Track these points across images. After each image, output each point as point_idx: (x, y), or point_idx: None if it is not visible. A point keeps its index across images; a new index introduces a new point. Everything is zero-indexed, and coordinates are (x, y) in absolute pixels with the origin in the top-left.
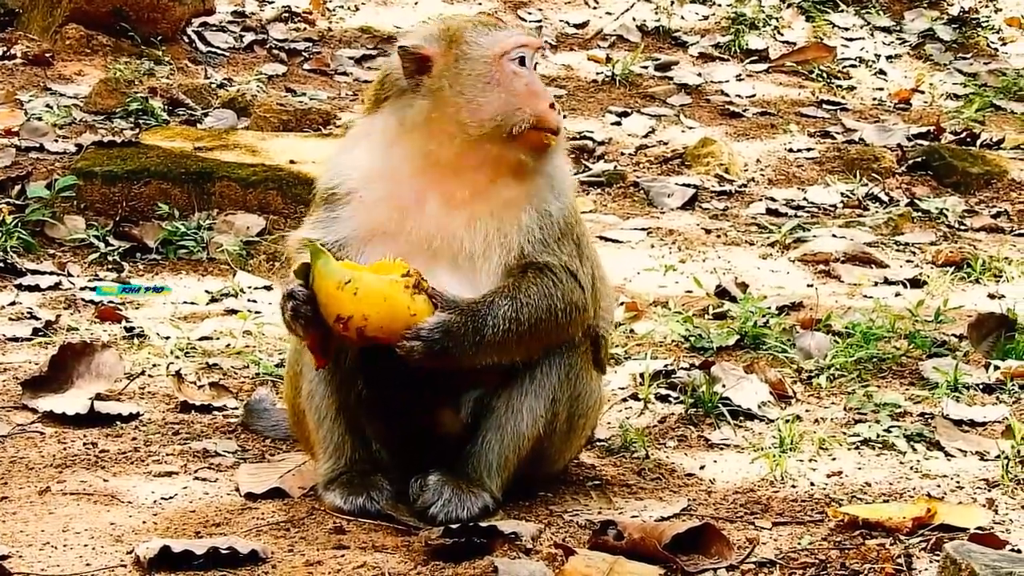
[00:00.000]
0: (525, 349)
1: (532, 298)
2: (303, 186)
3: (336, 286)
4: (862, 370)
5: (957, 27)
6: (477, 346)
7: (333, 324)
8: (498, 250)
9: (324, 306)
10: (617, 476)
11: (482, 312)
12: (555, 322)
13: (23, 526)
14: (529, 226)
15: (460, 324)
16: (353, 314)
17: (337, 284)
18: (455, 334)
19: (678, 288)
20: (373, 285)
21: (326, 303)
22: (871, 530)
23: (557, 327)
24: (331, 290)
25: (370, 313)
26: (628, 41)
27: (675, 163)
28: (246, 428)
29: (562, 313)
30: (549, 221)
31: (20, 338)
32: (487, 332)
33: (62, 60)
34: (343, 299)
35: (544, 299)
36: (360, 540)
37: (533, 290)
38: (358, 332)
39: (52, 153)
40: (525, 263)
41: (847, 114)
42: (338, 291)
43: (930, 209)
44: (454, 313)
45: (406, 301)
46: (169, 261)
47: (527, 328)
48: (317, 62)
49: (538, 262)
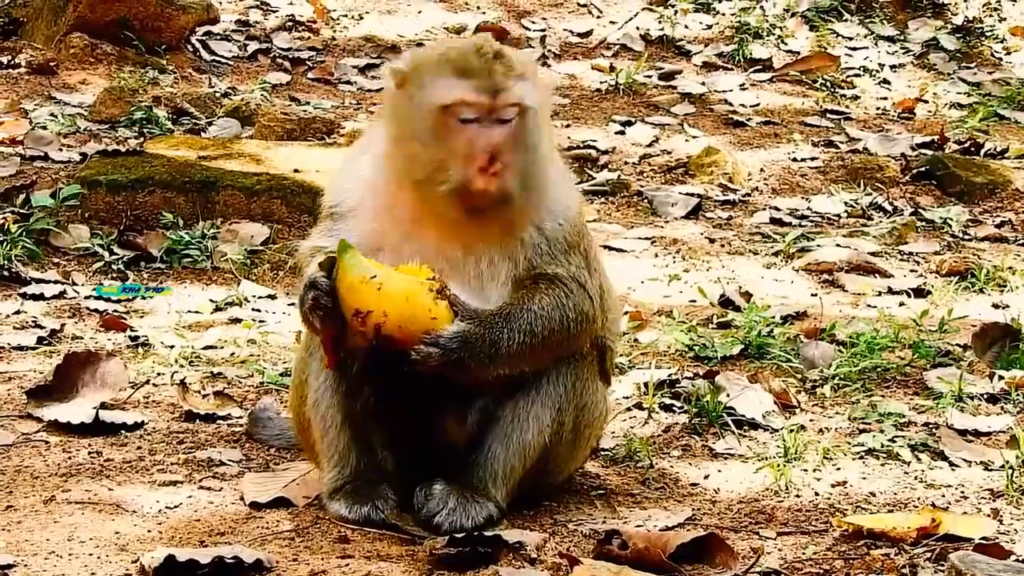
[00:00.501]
0: (536, 360)
1: (545, 310)
2: (307, 195)
3: (360, 280)
4: (866, 380)
5: (961, 36)
6: (492, 358)
7: (351, 319)
8: (505, 265)
9: (345, 300)
10: (621, 485)
11: (499, 325)
12: (567, 332)
13: (28, 535)
14: (533, 243)
15: (478, 336)
16: (374, 310)
17: (362, 278)
18: (472, 345)
19: (682, 297)
20: (398, 284)
21: (347, 296)
22: (876, 540)
23: (568, 337)
24: (355, 283)
25: (391, 311)
26: (632, 50)
27: (679, 172)
28: (250, 437)
29: (573, 324)
30: (553, 236)
31: (25, 347)
32: (503, 346)
33: (66, 69)
34: (366, 293)
35: (556, 310)
36: (365, 549)
37: (546, 301)
38: (376, 329)
39: (56, 162)
40: (535, 274)
41: (851, 123)
42: (362, 285)
43: (934, 219)
44: (473, 324)
45: (428, 304)
46: (173, 270)
47: (540, 340)
48: (321, 71)
49: (548, 273)
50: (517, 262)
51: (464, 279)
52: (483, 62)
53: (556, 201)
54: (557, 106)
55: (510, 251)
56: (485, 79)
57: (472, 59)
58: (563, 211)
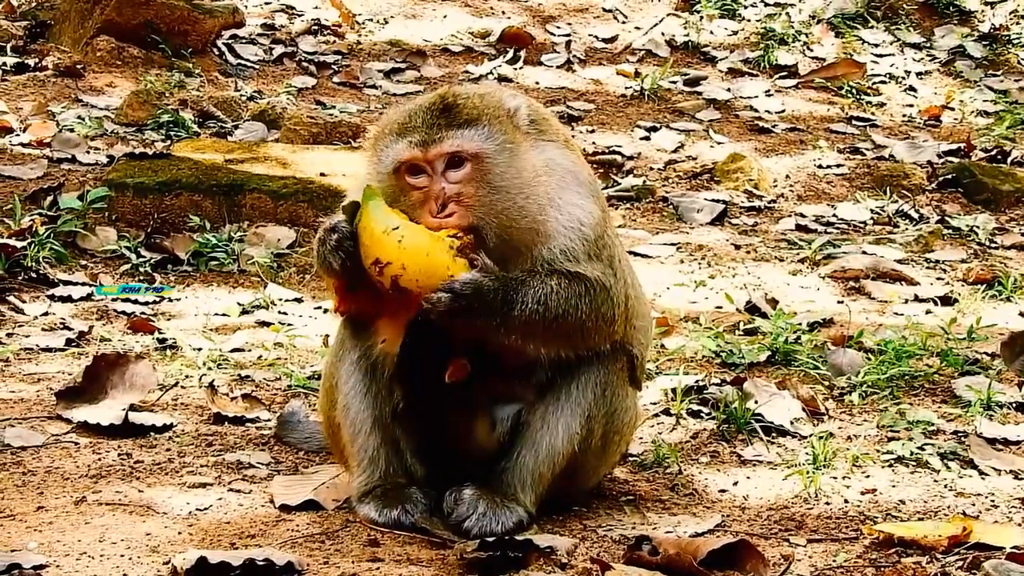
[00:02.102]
0: (546, 341)
1: (563, 291)
2: (333, 199)
3: (383, 230)
4: (894, 387)
5: (987, 44)
6: (503, 316)
7: (369, 267)
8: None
9: (365, 247)
10: (650, 491)
11: (515, 286)
12: (581, 323)
13: (60, 536)
14: (548, 257)
15: (492, 289)
16: (392, 261)
17: (384, 229)
18: (484, 296)
19: (708, 304)
20: (419, 237)
21: (368, 244)
22: (906, 548)
23: (582, 330)
24: (377, 232)
25: (409, 264)
26: (657, 56)
27: (704, 178)
28: (279, 440)
29: (587, 318)
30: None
31: (53, 348)
32: (515, 306)
33: (93, 72)
34: (387, 244)
35: (574, 297)
36: (395, 553)
37: (564, 283)
38: (392, 280)
39: (84, 164)
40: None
41: (877, 130)
42: (384, 235)
43: (960, 226)
44: (488, 277)
45: (447, 261)
46: (200, 273)
47: (553, 317)
48: (346, 75)
49: (570, 271)
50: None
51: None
52: (426, 117)
53: (565, 223)
54: (581, 111)
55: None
56: (421, 134)
57: (417, 117)
58: (574, 231)
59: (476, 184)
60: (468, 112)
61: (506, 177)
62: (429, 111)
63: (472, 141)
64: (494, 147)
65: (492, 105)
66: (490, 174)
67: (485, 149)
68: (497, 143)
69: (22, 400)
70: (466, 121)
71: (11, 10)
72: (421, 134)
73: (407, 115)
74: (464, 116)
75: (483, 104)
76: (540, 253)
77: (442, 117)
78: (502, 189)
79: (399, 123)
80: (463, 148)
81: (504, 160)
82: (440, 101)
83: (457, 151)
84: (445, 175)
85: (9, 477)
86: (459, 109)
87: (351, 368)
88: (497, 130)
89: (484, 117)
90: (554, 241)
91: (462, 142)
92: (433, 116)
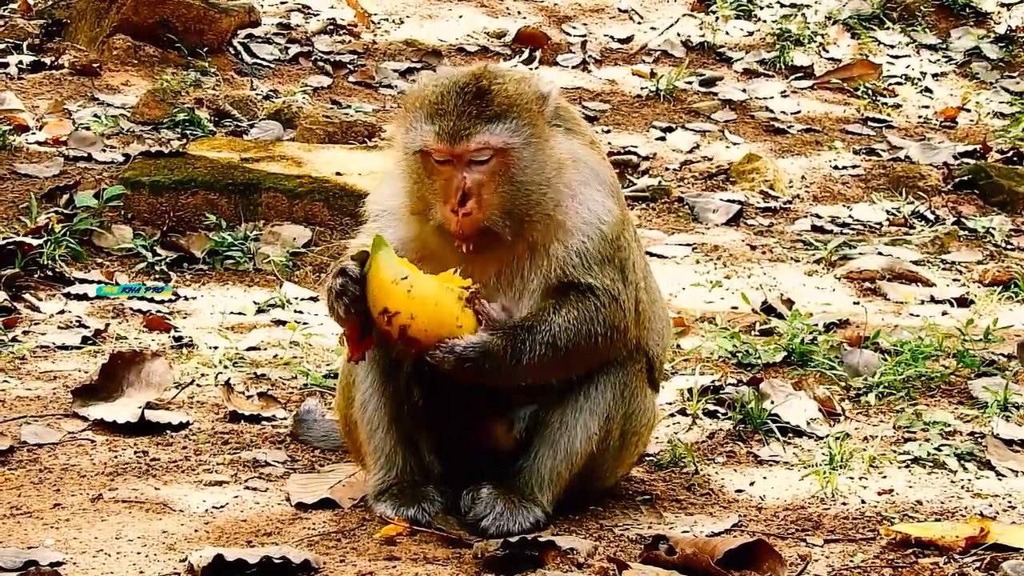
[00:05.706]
0: (563, 371)
1: (571, 323)
2: (349, 198)
3: (392, 279)
4: (911, 388)
5: (1004, 45)
6: (513, 368)
7: (378, 316)
8: (536, 276)
9: (373, 296)
10: (667, 491)
11: (521, 336)
12: (593, 345)
13: (76, 533)
14: (562, 256)
15: (498, 347)
16: (401, 311)
17: (393, 278)
18: (491, 355)
19: (724, 304)
20: (428, 288)
21: (377, 294)
22: (924, 549)
23: (596, 350)
24: (386, 282)
25: (418, 314)
26: (673, 56)
27: (719, 179)
28: (295, 438)
29: (601, 337)
30: (582, 250)
31: (69, 346)
32: (524, 355)
33: (109, 70)
34: (396, 293)
35: (584, 324)
36: (411, 551)
37: (572, 315)
38: (400, 330)
39: (100, 163)
40: (566, 283)
41: (892, 131)
42: (393, 284)
43: (976, 228)
44: (496, 336)
45: (455, 312)
46: (216, 271)
47: (564, 353)
48: (362, 74)
49: (580, 283)
50: (548, 274)
51: (496, 290)
52: (458, 103)
53: (584, 217)
54: (596, 112)
55: (539, 264)
56: (450, 125)
57: (448, 100)
58: (592, 227)
59: (499, 177)
60: (500, 102)
61: (529, 172)
62: (462, 94)
63: (499, 136)
64: (521, 141)
65: (524, 93)
66: (514, 167)
67: (512, 144)
68: (524, 137)
69: (38, 398)
70: (496, 114)
71: (27, 9)
72: (451, 123)
73: (440, 94)
74: (495, 107)
75: (516, 92)
76: (555, 252)
77: (473, 105)
78: (524, 184)
79: (431, 102)
80: (490, 144)
81: (529, 155)
82: (475, 83)
83: (484, 146)
84: (469, 167)
85: (26, 474)
86: (492, 96)
87: (369, 366)
88: (526, 123)
89: (515, 108)
90: (572, 238)
91: (490, 138)
92: (465, 102)
